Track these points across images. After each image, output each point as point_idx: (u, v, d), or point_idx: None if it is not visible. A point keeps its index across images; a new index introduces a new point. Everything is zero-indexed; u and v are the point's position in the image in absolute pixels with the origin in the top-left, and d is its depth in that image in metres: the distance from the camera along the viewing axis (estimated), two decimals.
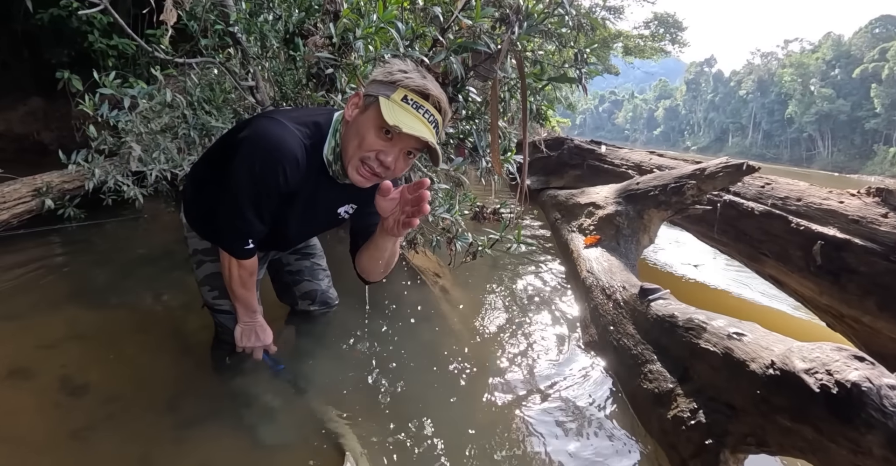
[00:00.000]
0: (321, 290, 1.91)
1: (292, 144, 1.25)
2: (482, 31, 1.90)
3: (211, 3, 2.46)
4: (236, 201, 1.30)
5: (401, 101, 1.20)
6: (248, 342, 1.58)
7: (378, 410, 1.55)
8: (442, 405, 1.62)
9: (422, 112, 1.22)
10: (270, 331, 1.62)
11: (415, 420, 1.51)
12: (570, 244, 2.95)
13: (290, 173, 1.26)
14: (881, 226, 2.07)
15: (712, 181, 2.44)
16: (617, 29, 17.60)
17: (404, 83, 1.21)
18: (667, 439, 1.44)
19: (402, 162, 1.28)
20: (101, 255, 2.85)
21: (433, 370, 1.81)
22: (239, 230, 1.34)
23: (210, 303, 1.64)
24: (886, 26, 51.28)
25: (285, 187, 1.28)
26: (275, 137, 1.24)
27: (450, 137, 2.25)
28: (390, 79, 1.23)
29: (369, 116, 1.23)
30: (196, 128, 2.83)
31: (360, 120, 1.26)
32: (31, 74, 5.17)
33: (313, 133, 1.31)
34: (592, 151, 4.39)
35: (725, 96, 71.98)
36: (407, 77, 1.22)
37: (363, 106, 1.26)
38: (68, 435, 1.34)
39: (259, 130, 1.26)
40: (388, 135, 1.22)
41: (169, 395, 1.54)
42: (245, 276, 1.44)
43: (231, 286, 1.46)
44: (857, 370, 0.98)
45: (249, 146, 1.25)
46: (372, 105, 1.23)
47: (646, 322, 1.77)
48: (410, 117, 1.20)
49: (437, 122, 1.25)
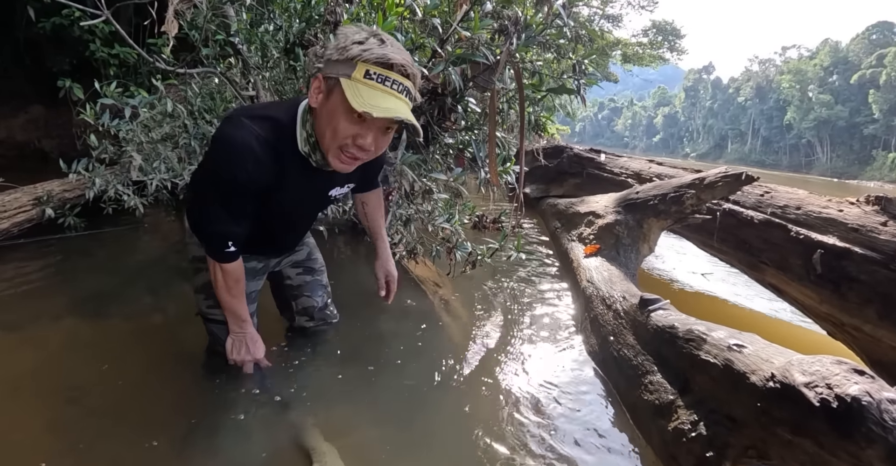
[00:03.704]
0: (319, 306, 1.90)
1: (247, 140, 1.21)
2: (481, 43, 1.92)
3: (212, 13, 2.48)
4: (208, 204, 1.31)
5: (364, 78, 1.12)
6: (239, 354, 1.56)
7: (371, 424, 1.54)
8: (439, 416, 1.61)
9: (389, 84, 1.14)
10: (263, 345, 1.59)
11: (409, 431, 1.50)
12: (569, 253, 2.95)
13: (253, 169, 1.23)
14: (881, 234, 2.07)
15: (711, 191, 2.45)
16: (615, 37, 17.72)
17: (363, 57, 1.12)
18: (667, 451, 1.43)
19: (381, 139, 1.24)
20: (101, 264, 2.85)
21: (430, 381, 1.80)
22: (216, 232, 1.33)
23: (204, 312, 1.62)
24: (884, 32, 51.63)
25: (252, 183, 1.25)
26: (228, 136, 1.22)
27: (449, 147, 2.26)
28: (346, 55, 1.13)
29: (335, 101, 1.17)
30: (197, 137, 2.84)
31: (327, 107, 1.19)
32: (32, 82, 5.20)
33: (273, 126, 1.27)
34: (592, 159, 4.40)
35: (724, 103, 72.28)
36: (364, 49, 1.13)
37: (326, 90, 1.19)
38: (63, 445, 1.33)
39: (217, 133, 1.26)
40: (360, 118, 1.16)
41: (163, 408, 1.53)
42: (230, 282, 1.42)
43: (218, 293, 1.44)
44: (857, 384, 0.97)
45: (210, 150, 1.28)
46: (335, 88, 1.16)
47: (646, 333, 1.76)
48: (378, 95, 1.13)
49: (406, 88, 1.17)
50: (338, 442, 1.38)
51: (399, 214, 2.25)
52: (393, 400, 1.65)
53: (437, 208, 2.27)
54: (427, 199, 2.27)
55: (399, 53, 1.16)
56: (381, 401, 1.64)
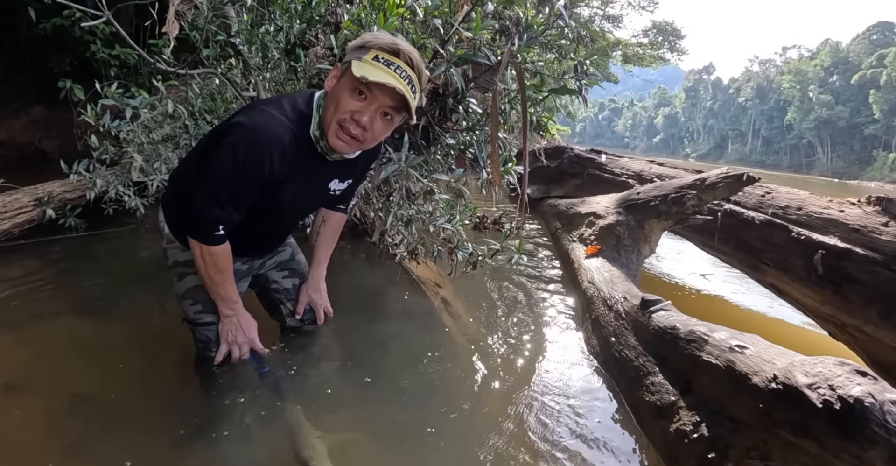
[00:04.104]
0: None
1: (279, 132, 1.28)
2: (482, 43, 1.91)
3: (213, 14, 2.48)
4: (215, 186, 1.31)
5: (372, 60, 1.24)
6: (234, 337, 1.56)
7: (369, 427, 1.53)
8: (438, 416, 1.60)
9: (393, 68, 1.25)
10: (255, 323, 1.61)
11: (408, 432, 1.50)
12: (570, 254, 2.95)
13: (277, 161, 1.29)
14: (882, 235, 2.07)
15: (712, 192, 2.45)
16: (616, 37, 17.72)
17: (373, 43, 1.26)
18: (669, 452, 1.43)
19: (379, 123, 1.31)
20: (102, 265, 2.85)
21: (429, 382, 1.79)
22: (211, 215, 1.33)
23: (192, 318, 1.59)
24: (884, 33, 51.64)
25: (270, 175, 1.30)
26: (260, 125, 1.27)
27: (450, 148, 2.26)
28: (361, 43, 1.28)
29: (344, 80, 1.28)
30: (197, 138, 2.84)
31: (336, 87, 1.31)
32: (33, 83, 5.19)
33: (299, 118, 1.35)
34: (592, 160, 4.40)
35: (724, 103, 72.28)
36: (376, 38, 1.27)
37: (339, 74, 1.31)
38: (63, 448, 1.33)
39: (246, 119, 1.28)
40: (361, 95, 1.27)
41: (163, 410, 1.52)
42: (221, 264, 1.42)
43: (207, 274, 1.43)
44: (860, 386, 0.97)
45: (235, 134, 1.27)
46: (346, 71, 1.27)
47: (647, 334, 1.76)
48: (381, 73, 1.23)
49: (410, 77, 1.27)
50: (336, 447, 1.38)
51: (400, 214, 2.24)
52: (392, 402, 1.65)
53: (438, 209, 2.26)
54: (428, 199, 2.27)
55: (407, 45, 1.28)
56: (381, 404, 1.64)
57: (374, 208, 2.51)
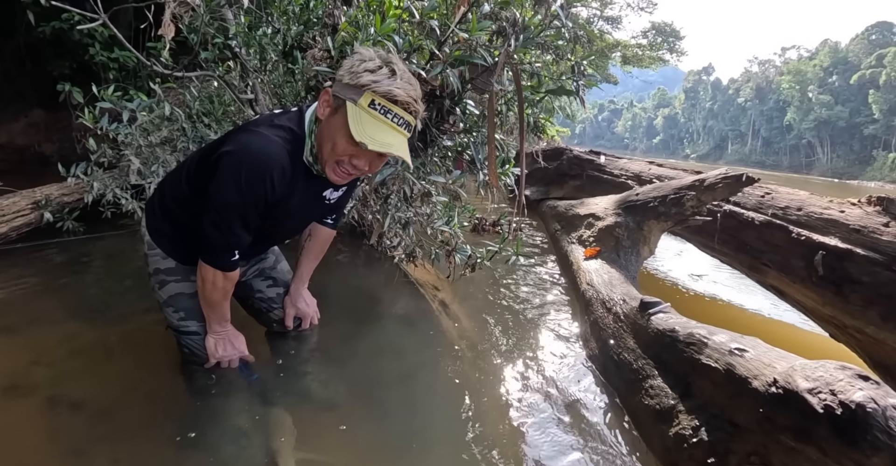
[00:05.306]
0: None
1: (277, 153, 1.27)
2: (479, 44, 1.91)
3: (210, 16, 2.47)
4: (224, 216, 1.31)
5: (368, 107, 1.20)
6: (224, 351, 1.56)
7: (368, 429, 1.52)
8: (435, 421, 1.59)
9: (390, 116, 1.21)
10: (243, 337, 1.61)
11: (404, 438, 1.49)
12: (569, 256, 2.94)
13: (277, 182, 1.28)
14: (883, 235, 2.06)
15: (712, 192, 2.43)
16: (615, 39, 17.74)
17: (371, 87, 1.19)
18: (669, 457, 1.41)
19: (376, 162, 1.32)
20: (100, 268, 2.84)
21: (427, 384, 1.78)
22: (225, 242, 1.34)
23: (175, 325, 1.58)
24: (883, 33, 51.65)
25: (272, 195, 1.30)
26: (258, 147, 1.26)
27: (448, 149, 2.25)
28: (357, 82, 1.20)
29: (339, 121, 1.23)
30: (195, 141, 2.83)
31: (331, 123, 1.27)
32: (32, 86, 5.19)
33: (293, 138, 1.33)
34: (592, 161, 4.39)
35: (724, 104, 72.26)
36: (373, 80, 1.20)
37: (333, 107, 1.26)
38: (59, 452, 1.32)
39: (242, 143, 1.27)
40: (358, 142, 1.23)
41: (159, 414, 1.51)
42: (229, 287, 1.45)
43: (212, 298, 1.45)
44: (862, 391, 0.96)
45: (234, 160, 1.25)
46: (340, 108, 1.23)
47: (646, 336, 1.75)
48: (378, 127, 1.20)
49: (407, 122, 1.25)
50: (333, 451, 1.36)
51: (398, 217, 2.23)
52: (391, 402, 1.64)
53: (436, 211, 2.25)
54: (426, 201, 2.26)
55: (405, 89, 1.22)
56: (379, 405, 1.63)
57: (371, 210, 2.51)
